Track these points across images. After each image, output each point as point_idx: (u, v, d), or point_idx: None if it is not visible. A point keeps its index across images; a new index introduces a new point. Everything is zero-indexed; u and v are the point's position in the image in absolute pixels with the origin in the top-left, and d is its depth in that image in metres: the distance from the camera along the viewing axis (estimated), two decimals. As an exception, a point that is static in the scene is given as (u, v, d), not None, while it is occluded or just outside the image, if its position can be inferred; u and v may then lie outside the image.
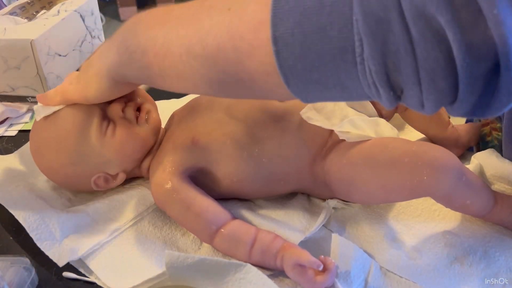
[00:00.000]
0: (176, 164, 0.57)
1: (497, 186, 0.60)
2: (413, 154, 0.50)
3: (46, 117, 0.59)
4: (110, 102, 0.59)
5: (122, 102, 0.59)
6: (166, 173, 0.57)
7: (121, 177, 0.61)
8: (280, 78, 0.37)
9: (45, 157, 0.60)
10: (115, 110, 0.58)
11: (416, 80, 0.33)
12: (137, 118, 0.60)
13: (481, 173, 0.61)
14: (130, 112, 0.59)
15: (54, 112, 0.58)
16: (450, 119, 0.67)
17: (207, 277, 0.49)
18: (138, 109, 0.61)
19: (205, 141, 0.58)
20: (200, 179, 0.58)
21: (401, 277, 0.51)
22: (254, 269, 0.48)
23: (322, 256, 0.49)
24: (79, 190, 0.64)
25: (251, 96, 0.45)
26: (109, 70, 0.50)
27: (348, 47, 0.33)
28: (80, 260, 0.54)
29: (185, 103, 0.65)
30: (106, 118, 0.58)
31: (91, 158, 0.58)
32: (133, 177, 0.66)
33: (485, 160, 0.61)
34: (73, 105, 0.58)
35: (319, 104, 0.58)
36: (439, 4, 0.30)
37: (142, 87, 0.64)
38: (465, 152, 0.68)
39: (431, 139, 0.68)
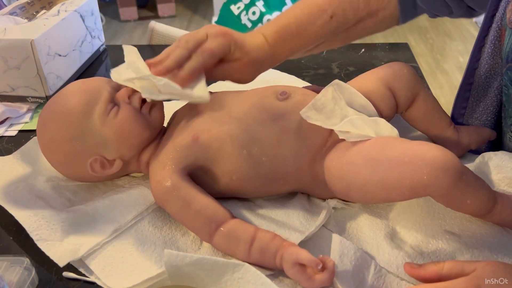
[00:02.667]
0: (176, 162, 0.57)
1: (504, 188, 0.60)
2: (413, 153, 0.50)
3: (58, 93, 0.63)
4: (119, 89, 0.62)
5: (130, 89, 0.61)
6: (166, 170, 0.57)
7: (118, 164, 0.61)
8: None
9: (48, 130, 0.61)
10: (122, 95, 0.61)
11: None
12: (141, 107, 0.61)
13: (484, 173, 0.61)
14: (136, 100, 0.61)
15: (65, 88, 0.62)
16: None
17: (206, 276, 0.49)
18: (144, 101, 0.62)
19: (205, 139, 0.58)
20: (199, 177, 0.58)
21: (402, 279, 0.51)
22: (253, 268, 0.48)
23: (321, 255, 0.49)
24: (75, 176, 0.64)
25: None
26: None
27: None
28: (80, 260, 0.54)
29: (185, 103, 0.65)
30: (112, 101, 0.61)
31: (90, 136, 0.59)
32: (133, 177, 0.66)
33: (494, 162, 0.61)
34: (84, 83, 0.62)
35: (319, 104, 0.58)
36: None
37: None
38: (465, 153, 0.68)
39: (432, 139, 0.68)
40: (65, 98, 0.61)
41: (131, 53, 0.62)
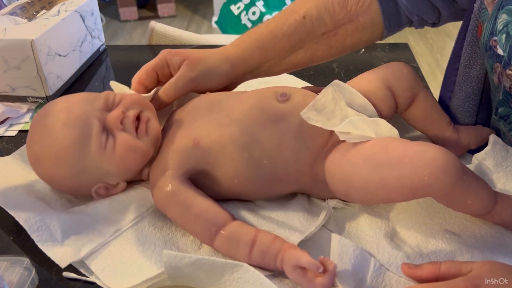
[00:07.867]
0: (177, 167, 0.57)
1: (501, 187, 0.60)
2: (413, 154, 0.50)
3: (43, 123, 0.58)
4: (108, 111, 0.59)
5: (120, 112, 0.58)
6: (166, 175, 0.57)
7: (122, 186, 0.61)
8: None
9: (44, 169, 0.60)
10: (114, 121, 0.58)
11: None
12: (136, 129, 0.59)
13: (483, 173, 0.61)
14: (129, 124, 0.58)
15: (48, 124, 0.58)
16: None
17: (205, 276, 0.49)
18: (137, 118, 0.60)
19: (206, 143, 0.58)
20: (200, 180, 0.58)
21: (400, 277, 0.51)
22: (252, 269, 0.48)
23: (322, 257, 0.49)
24: (80, 196, 0.64)
25: None
26: None
27: None
28: (81, 261, 0.54)
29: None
30: (105, 130, 0.58)
31: (92, 171, 0.58)
32: (133, 178, 0.66)
33: (490, 162, 0.61)
34: (70, 115, 0.57)
35: (319, 105, 0.58)
36: None
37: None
38: (464, 153, 0.68)
39: (431, 139, 0.68)
40: (56, 134, 0.57)
41: (118, 87, 0.66)
